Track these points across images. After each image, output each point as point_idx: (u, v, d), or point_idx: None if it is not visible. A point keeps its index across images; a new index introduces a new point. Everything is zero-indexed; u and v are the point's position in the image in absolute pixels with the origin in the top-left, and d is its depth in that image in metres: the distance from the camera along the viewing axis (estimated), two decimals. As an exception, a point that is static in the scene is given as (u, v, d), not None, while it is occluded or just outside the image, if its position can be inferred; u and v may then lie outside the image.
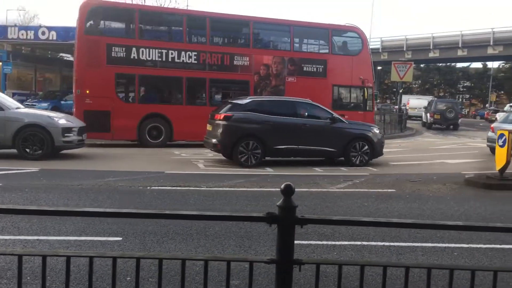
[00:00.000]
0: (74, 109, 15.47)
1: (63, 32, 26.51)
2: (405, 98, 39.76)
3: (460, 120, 31.86)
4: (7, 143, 11.38)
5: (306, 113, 12.47)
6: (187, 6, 34.78)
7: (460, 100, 71.93)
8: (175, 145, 16.02)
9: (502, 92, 66.93)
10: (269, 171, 11.26)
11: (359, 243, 5.69)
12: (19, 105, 12.90)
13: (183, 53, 16.30)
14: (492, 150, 15.36)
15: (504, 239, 5.82)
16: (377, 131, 13.19)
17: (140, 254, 3.51)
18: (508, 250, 5.58)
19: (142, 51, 15.83)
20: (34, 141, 11.38)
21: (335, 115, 12.75)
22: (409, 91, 58.26)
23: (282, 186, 2.42)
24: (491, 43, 41.33)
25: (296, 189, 7.84)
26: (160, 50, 16.14)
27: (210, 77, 16.65)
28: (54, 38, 27.02)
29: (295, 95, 14.26)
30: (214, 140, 11.87)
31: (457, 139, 23.10)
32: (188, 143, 16.14)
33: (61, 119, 12.04)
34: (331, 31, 18.33)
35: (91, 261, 2.35)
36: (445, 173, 11.53)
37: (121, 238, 5.48)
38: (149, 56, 15.96)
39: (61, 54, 38.74)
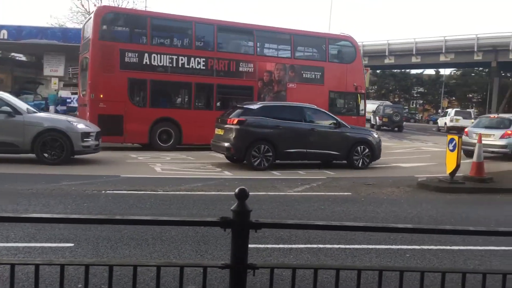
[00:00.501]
0: (88, 113, 15.52)
1: (15, 31, 25.57)
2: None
3: (404, 123, 36.11)
4: (25, 148, 11.24)
5: (313, 118, 13.12)
6: (146, 7, 34.37)
7: (414, 105, 74.27)
8: (184, 148, 16.47)
9: (454, 98, 69.55)
10: (227, 174, 11.24)
11: (315, 246, 5.74)
12: (32, 108, 12.45)
13: (192, 59, 16.90)
14: (466, 153, 16.27)
15: (454, 240, 6.01)
16: (376, 136, 13.90)
17: (90, 261, 3.41)
18: (457, 251, 5.77)
19: (154, 57, 16.34)
20: (54, 146, 11.29)
21: (339, 120, 13.39)
22: (366, 96, 59.47)
23: (236, 190, 2.40)
24: (443, 51, 42.91)
25: (254, 193, 7.87)
26: (170, 56, 16.67)
27: (217, 83, 17.25)
28: (5, 37, 26.02)
29: (296, 101, 15.01)
30: (227, 144, 12.14)
31: (411, 143, 23.77)
32: (195, 146, 16.59)
33: (80, 124, 12.06)
34: (327, 40, 19.44)
35: (37, 269, 2.26)
36: (399, 177, 11.83)
37: (73, 244, 5.32)
38: (160, 62, 16.47)
39: (12, 54, 37.39)
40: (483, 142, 16.46)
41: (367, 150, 13.10)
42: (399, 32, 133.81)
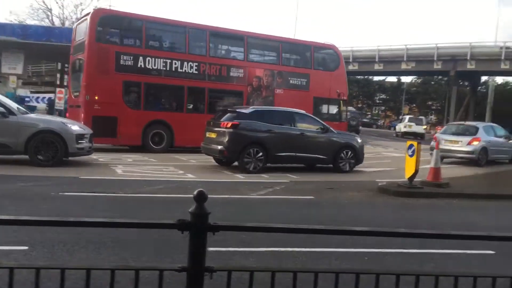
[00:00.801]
0: (83, 115, 15.55)
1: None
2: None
3: (360, 127, 38.90)
4: (18, 149, 11.04)
5: (302, 123, 13.47)
6: (110, 6, 33.77)
7: (376, 111, 75.83)
8: (176, 150, 16.62)
9: (414, 105, 71.47)
10: (190, 177, 11.14)
11: (277, 249, 5.75)
12: (22, 108, 12.19)
13: (185, 63, 17.28)
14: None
15: (411, 243, 6.14)
16: (360, 140, 14.43)
17: (41, 264, 3.30)
18: (414, 254, 5.90)
19: (148, 60, 16.62)
20: (48, 148, 11.11)
21: (326, 125, 13.84)
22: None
23: (195, 192, 2.39)
24: (405, 59, 43.96)
25: (217, 196, 7.84)
26: (164, 60, 16.95)
27: (209, 87, 17.69)
28: None
29: (283, 106, 15.53)
30: (220, 147, 12.32)
31: (373, 149, 24.21)
32: (187, 149, 16.74)
33: (74, 125, 11.94)
34: (313, 48, 20.14)
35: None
36: (360, 181, 12.03)
37: (27, 247, 5.14)
38: (154, 65, 16.75)
39: None
40: (451, 148, 18.08)
41: (352, 154, 13.64)
42: (363, 39, 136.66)
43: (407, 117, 43.12)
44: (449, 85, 49.58)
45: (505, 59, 40.91)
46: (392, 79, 68.91)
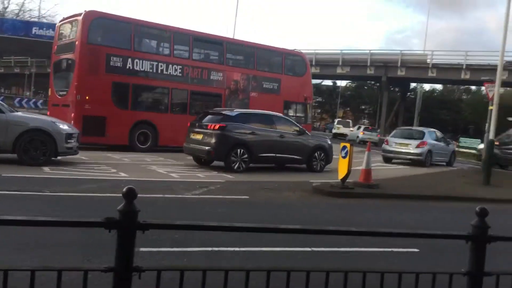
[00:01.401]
0: (73, 114, 15.79)
1: None
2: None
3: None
4: (6, 148, 10.84)
5: (281, 125, 14.26)
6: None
7: (313, 114, 77.51)
8: (160, 150, 17.05)
9: (349, 108, 73.77)
10: (123, 176, 10.82)
11: (210, 249, 5.70)
12: (6, 106, 11.65)
13: (170, 66, 17.97)
14: (385, 159, 20.18)
15: (342, 242, 6.29)
16: (329, 142, 15.43)
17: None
18: (345, 253, 6.06)
19: (136, 62, 17.18)
20: (36, 147, 10.95)
21: (302, 127, 14.89)
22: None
23: (124, 189, 2.30)
24: (340, 64, 45.30)
25: (150, 195, 7.66)
26: (151, 62, 17.61)
27: (191, 89, 18.47)
28: None
29: (256, 109, 16.39)
30: (207, 148, 12.84)
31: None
32: (170, 148, 17.19)
33: (63, 125, 11.82)
34: (284, 55, 21.55)
35: None
36: (295, 181, 12.21)
37: None
38: (142, 67, 17.35)
39: None
40: (401, 150, 20.03)
41: (323, 155, 14.57)
42: (301, 43, 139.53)
43: (336, 120, 49.20)
44: (381, 90, 51.64)
45: (432, 67, 43.23)
46: (328, 82, 70.77)
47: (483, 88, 25.19)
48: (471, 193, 12.70)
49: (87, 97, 15.91)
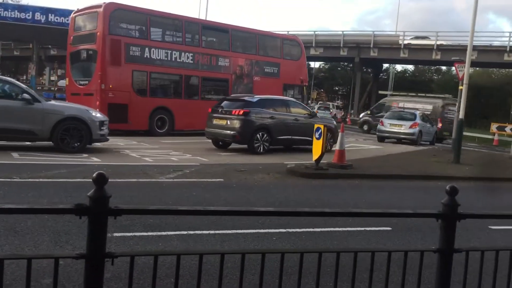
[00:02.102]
0: (98, 102, 16.52)
1: None
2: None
3: None
4: (44, 136, 11.30)
5: (295, 109, 15.28)
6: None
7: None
8: (177, 134, 18.13)
9: (322, 90, 74.04)
10: (95, 161, 10.65)
11: (185, 232, 5.68)
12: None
13: (182, 53, 19.04)
14: (380, 138, 22.13)
15: (316, 223, 6.38)
16: (335, 123, 16.78)
17: None
18: (319, 233, 6.12)
19: (153, 51, 18.22)
20: (73, 135, 11.45)
21: (312, 111, 15.96)
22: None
23: (94, 175, 2.24)
24: (313, 45, 45.23)
25: (123, 180, 7.54)
26: (166, 51, 18.64)
27: (202, 75, 19.59)
28: None
29: (260, 92, 17.71)
30: (232, 132, 13.90)
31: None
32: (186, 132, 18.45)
33: (95, 112, 12.37)
34: (282, 40, 22.94)
35: None
36: (269, 163, 12.23)
37: None
38: (157, 56, 18.37)
39: None
40: (395, 130, 21.89)
41: (330, 135, 14.68)
42: (272, 23, 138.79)
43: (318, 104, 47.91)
44: (354, 71, 51.96)
45: (404, 48, 43.64)
46: (301, 64, 70.62)
47: (453, 68, 25.62)
48: (441, 171, 12.99)
49: (110, 86, 16.87)
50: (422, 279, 3.98)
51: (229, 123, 14.11)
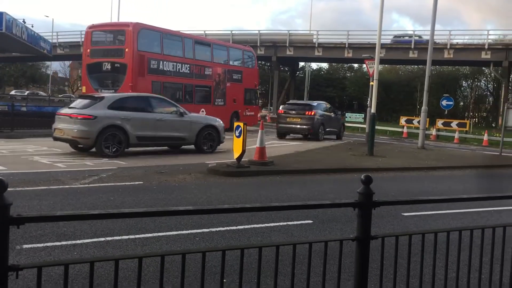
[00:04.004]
0: None
1: None
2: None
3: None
4: (191, 141, 14.36)
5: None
6: None
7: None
8: None
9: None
10: (0, 169, 9.90)
11: (102, 239, 5.42)
12: None
13: (182, 65, 22.89)
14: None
15: (239, 220, 6.37)
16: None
17: None
18: (242, 230, 6.10)
19: (164, 64, 21.92)
20: (209, 139, 14.56)
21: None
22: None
23: (-9, 182, 2.03)
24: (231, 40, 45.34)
25: (33, 188, 7.02)
26: (173, 63, 22.36)
27: (195, 83, 23.55)
28: None
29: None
30: (306, 127, 21.27)
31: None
32: None
33: (220, 121, 15.19)
34: (243, 51, 27.91)
35: None
36: (190, 163, 12.07)
37: None
38: (168, 68, 22.09)
39: None
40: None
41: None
42: (187, 25, 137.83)
43: None
44: (272, 70, 52.83)
45: (318, 47, 45.10)
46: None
47: (364, 65, 26.89)
48: (357, 164, 13.55)
49: None
50: (344, 267, 4.08)
51: (302, 120, 19.77)
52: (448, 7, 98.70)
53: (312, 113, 20.40)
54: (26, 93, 52.13)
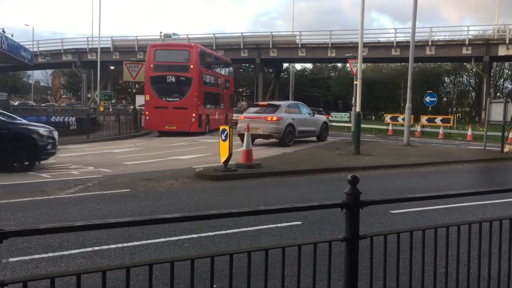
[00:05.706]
0: (194, 114, 24.89)
1: None
2: (141, 98, 40.57)
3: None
4: (317, 133, 20.97)
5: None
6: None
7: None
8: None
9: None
10: (-15, 182, 9.73)
11: (90, 249, 5.35)
12: None
13: (214, 78, 28.70)
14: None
15: (228, 224, 6.34)
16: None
17: None
18: (231, 234, 6.08)
19: (205, 77, 26.70)
20: (325, 131, 22.06)
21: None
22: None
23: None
24: (214, 48, 45.26)
25: (16, 200, 6.92)
26: (209, 76, 27.71)
27: (215, 91, 28.60)
28: None
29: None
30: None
31: (188, 137, 24.49)
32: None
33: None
34: (227, 62, 32.53)
35: None
36: (177, 169, 12.01)
37: None
38: (206, 80, 26.77)
39: None
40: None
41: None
42: (170, 28, 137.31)
43: None
44: (256, 72, 52.86)
45: (302, 47, 45.25)
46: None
47: (347, 65, 27.01)
48: (344, 163, 13.59)
49: (199, 102, 25.07)
50: (334, 267, 4.08)
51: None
52: (427, 4, 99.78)
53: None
54: (16, 103, 51.97)
